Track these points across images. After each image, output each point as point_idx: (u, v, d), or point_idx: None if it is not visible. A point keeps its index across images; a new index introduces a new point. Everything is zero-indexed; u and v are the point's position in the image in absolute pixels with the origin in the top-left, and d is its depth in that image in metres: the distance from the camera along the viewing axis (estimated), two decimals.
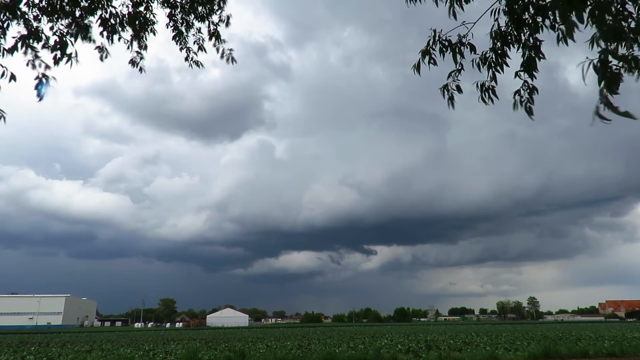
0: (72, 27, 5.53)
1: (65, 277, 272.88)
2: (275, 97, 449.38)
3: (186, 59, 7.16)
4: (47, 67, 5.08)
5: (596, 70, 2.72)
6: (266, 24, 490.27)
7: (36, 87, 4.95)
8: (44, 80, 5.01)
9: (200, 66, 7.24)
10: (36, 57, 5.09)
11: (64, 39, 5.39)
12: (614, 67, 2.80)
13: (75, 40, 5.50)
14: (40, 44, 5.29)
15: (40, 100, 4.95)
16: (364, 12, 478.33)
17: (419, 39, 4.46)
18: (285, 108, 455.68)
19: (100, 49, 6.29)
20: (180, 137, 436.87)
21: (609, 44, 2.81)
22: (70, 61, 5.26)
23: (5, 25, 5.07)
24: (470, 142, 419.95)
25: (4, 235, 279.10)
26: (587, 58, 2.76)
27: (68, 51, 5.31)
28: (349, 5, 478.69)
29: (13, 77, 4.83)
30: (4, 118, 4.77)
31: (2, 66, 4.81)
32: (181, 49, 7.06)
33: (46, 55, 5.25)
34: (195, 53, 7.15)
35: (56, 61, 5.26)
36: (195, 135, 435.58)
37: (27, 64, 5.06)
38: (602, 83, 2.70)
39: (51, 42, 5.35)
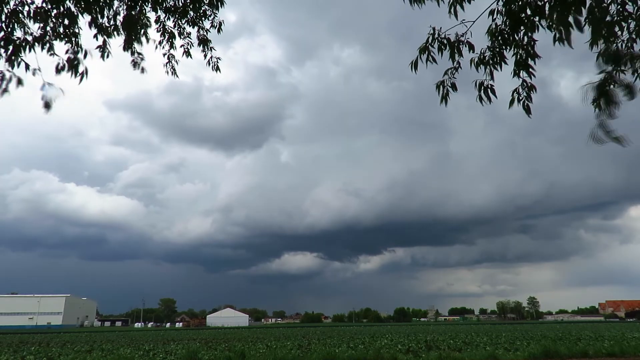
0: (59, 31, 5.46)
1: (71, 278, 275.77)
2: (285, 111, 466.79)
3: (165, 65, 7.04)
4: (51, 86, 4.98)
5: (595, 93, 2.78)
6: (268, 44, 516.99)
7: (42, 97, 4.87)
8: (47, 86, 4.91)
9: (175, 76, 7.16)
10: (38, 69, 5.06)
11: (77, 55, 5.36)
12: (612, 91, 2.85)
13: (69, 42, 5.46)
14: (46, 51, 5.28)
15: (47, 109, 4.81)
16: (362, 34, 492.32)
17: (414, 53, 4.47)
18: (292, 120, 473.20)
19: (101, 47, 6.23)
20: (204, 149, 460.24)
21: (608, 66, 2.84)
22: (82, 78, 5.23)
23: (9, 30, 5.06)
24: (468, 151, 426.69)
25: (21, 238, 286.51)
26: (588, 82, 2.83)
27: (80, 69, 5.26)
28: (348, 27, 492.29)
29: (20, 82, 4.84)
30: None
31: (9, 71, 4.86)
32: (164, 55, 6.94)
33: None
34: (177, 61, 7.05)
35: (58, 71, 5.21)
36: (218, 146, 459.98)
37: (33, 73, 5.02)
38: (599, 106, 2.80)
39: (61, 54, 5.32)
